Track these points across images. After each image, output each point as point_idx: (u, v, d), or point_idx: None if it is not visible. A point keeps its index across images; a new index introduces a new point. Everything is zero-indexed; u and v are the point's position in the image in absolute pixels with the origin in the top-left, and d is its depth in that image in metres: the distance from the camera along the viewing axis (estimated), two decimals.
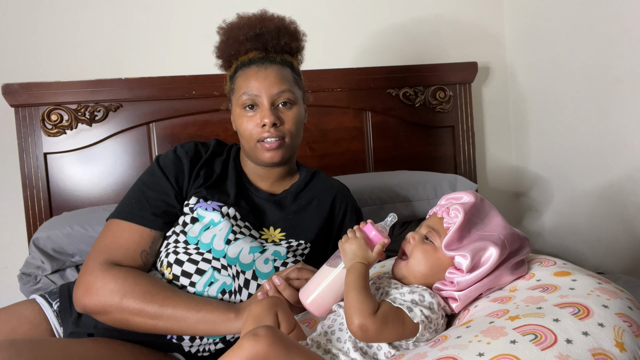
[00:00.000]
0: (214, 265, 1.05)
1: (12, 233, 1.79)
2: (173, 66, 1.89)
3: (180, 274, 1.05)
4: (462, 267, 0.83)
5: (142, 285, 0.99)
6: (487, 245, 0.84)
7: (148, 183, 1.12)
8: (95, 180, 1.79)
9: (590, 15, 1.67)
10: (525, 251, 0.90)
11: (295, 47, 1.19)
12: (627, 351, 0.66)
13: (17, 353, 0.78)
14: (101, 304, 0.98)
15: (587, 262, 1.75)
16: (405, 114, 2.00)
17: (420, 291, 0.85)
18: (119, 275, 1.00)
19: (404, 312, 0.80)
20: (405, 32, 2.09)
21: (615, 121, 1.61)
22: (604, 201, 1.69)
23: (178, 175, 1.13)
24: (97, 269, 1.01)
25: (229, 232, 1.07)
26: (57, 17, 1.84)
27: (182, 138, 1.83)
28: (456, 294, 0.84)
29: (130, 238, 1.06)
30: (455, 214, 0.87)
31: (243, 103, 1.11)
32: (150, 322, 0.98)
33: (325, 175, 1.28)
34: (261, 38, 1.14)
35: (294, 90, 1.13)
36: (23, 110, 1.73)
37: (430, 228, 0.89)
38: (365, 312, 0.78)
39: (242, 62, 1.14)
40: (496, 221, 0.90)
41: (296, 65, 1.20)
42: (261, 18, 1.16)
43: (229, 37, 1.17)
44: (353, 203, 1.26)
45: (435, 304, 0.84)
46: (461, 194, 0.91)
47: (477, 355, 0.66)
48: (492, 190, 2.19)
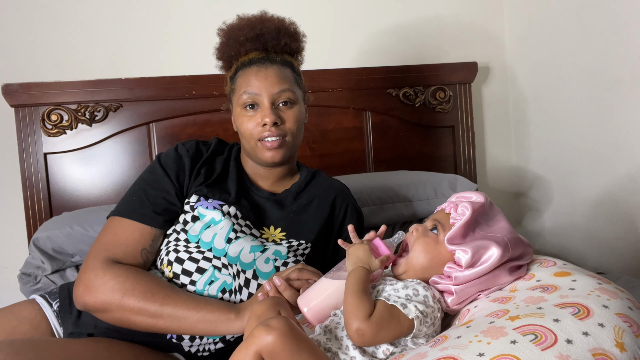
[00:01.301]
0: (214, 264, 1.05)
1: (12, 233, 1.79)
2: (173, 66, 1.89)
3: (180, 272, 1.05)
4: (462, 262, 0.84)
5: (143, 284, 0.99)
6: (489, 245, 0.84)
7: (149, 181, 1.13)
8: (95, 180, 1.79)
9: (590, 15, 1.67)
10: (527, 258, 0.90)
11: (295, 47, 1.19)
12: (627, 351, 0.66)
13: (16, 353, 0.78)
14: (102, 302, 0.98)
15: (587, 262, 1.75)
16: (405, 114, 2.00)
17: (414, 285, 0.85)
18: (120, 273, 1.00)
19: (399, 310, 0.80)
20: (405, 32, 2.09)
21: (615, 121, 1.61)
22: (604, 201, 1.69)
23: (179, 173, 1.14)
24: (98, 267, 1.01)
25: (229, 231, 1.07)
26: (57, 17, 1.84)
27: (182, 138, 1.83)
28: (453, 288, 0.84)
29: (131, 236, 1.06)
30: (463, 210, 0.87)
31: (244, 102, 1.12)
32: (151, 320, 0.98)
33: (325, 175, 1.28)
34: (261, 38, 1.14)
35: (294, 90, 1.13)
36: (23, 110, 1.73)
37: (436, 221, 0.90)
38: (361, 316, 0.78)
39: (243, 63, 1.15)
40: (502, 225, 0.90)
41: (296, 66, 1.20)
42: (261, 19, 1.16)
43: (229, 38, 1.17)
44: (353, 203, 1.27)
45: (430, 297, 0.84)
46: (472, 194, 0.92)
47: (477, 355, 0.66)
48: (492, 190, 2.19)
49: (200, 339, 1.03)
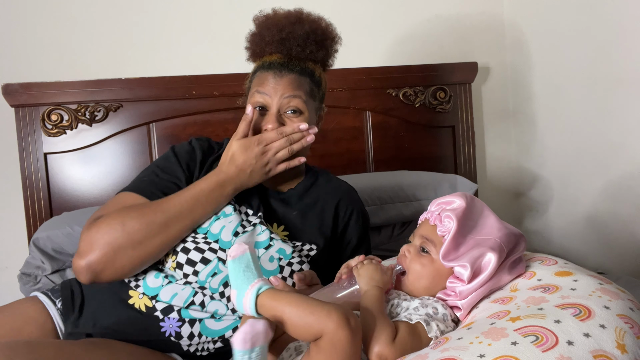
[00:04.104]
0: (219, 255, 1.04)
1: (12, 233, 1.79)
2: (173, 66, 1.89)
3: (184, 262, 1.04)
4: (464, 277, 0.82)
5: (134, 208, 1.02)
6: (484, 252, 0.83)
7: (161, 166, 1.15)
8: (95, 180, 1.79)
9: (590, 15, 1.67)
10: (521, 247, 0.89)
11: (320, 56, 1.19)
12: (628, 353, 0.66)
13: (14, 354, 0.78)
14: (107, 246, 0.97)
15: (587, 263, 1.75)
16: (405, 114, 2.00)
17: (432, 303, 0.84)
18: (109, 215, 1.01)
19: (423, 327, 0.79)
20: (405, 32, 2.09)
21: (615, 121, 1.61)
22: (604, 201, 1.69)
23: (190, 163, 1.16)
24: (90, 224, 1.01)
25: (237, 225, 1.07)
26: (57, 17, 1.84)
27: (182, 138, 1.83)
28: (459, 303, 0.84)
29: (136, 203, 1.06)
30: (448, 222, 0.85)
31: (254, 103, 1.14)
32: (164, 233, 1.00)
33: (332, 176, 1.28)
34: (286, 43, 1.15)
35: (306, 100, 1.14)
36: (23, 110, 1.73)
37: (424, 238, 0.88)
38: (384, 340, 0.76)
39: (263, 63, 1.16)
40: (490, 222, 0.88)
41: (317, 74, 1.19)
42: (294, 20, 1.16)
43: (258, 32, 1.19)
44: (360, 207, 1.26)
45: (448, 315, 0.83)
46: (451, 197, 0.89)
47: (477, 356, 0.66)
48: (492, 190, 2.19)
49: (199, 337, 1.02)
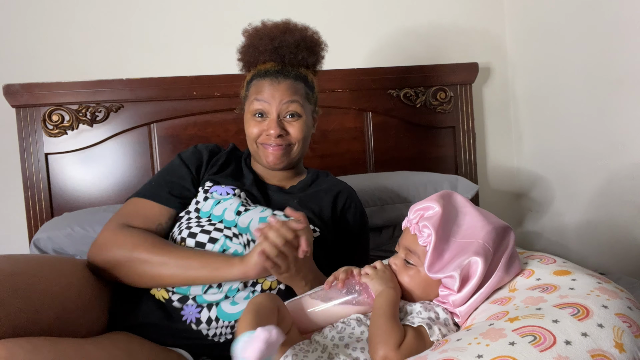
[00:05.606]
0: (225, 233, 1.09)
1: (13, 233, 1.80)
2: (174, 67, 1.89)
3: (194, 245, 1.08)
4: (453, 287, 0.82)
5: (152, 239, 1.08)
6: (469, 257, 0.82)
7: (168, 170, 1.23)
8: (96, 181, 1.80)
9: (590, 15, 1.67)
10: (510, 241, 0.87)
11: (312, 61, 1.27)
12: (626, 352, 0.66)
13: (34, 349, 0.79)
14: (112, 257, 1.06)
15: (587, 263, 1.74)
16: (406, 115, 2.00)
17: (434, 307, 0.84)
18: (132, 232, 1.09)
19: (425, 330, 0.79)
20: (406, 33, 2.09)
21: (615, 121, 1.61)
22: (604, 201, 1.69)
23: (196, 164, 1.24)
24: (113, 227, 1.10)
25: (239, 205, 1.13)
26: (58, 18, 1.84)
27: (183, 138, 1.83)
28: (457, 311, 0.84)
29: (150, 211, 1.15)
30: (426, 233, 0.84)
31: (253, 110, 1.20)
32: (157, 269, 1.04)
33: (332, 176, 1.35)
34: (279, 51, 1.22)
35: (303, 104, 1.21)
36: (24, 110, 1.74)
37: (407, 250, 0.88)
38: (392, 344, 0.76)
39: (259, 72, 1.22)
40: (471, 220, 0.87)
41: (310, 79, 1.27)
42: (283, 30, 1.22)
43: (250, 44, 1.25)
44: (357, 203, 1.30)
45: (449, 319, 0.84)
46: (428, 202, 0.88)
47: (476, 357, 0.66)
48: (492, 190, 2.19)
49: (216, 322, 1.03)
